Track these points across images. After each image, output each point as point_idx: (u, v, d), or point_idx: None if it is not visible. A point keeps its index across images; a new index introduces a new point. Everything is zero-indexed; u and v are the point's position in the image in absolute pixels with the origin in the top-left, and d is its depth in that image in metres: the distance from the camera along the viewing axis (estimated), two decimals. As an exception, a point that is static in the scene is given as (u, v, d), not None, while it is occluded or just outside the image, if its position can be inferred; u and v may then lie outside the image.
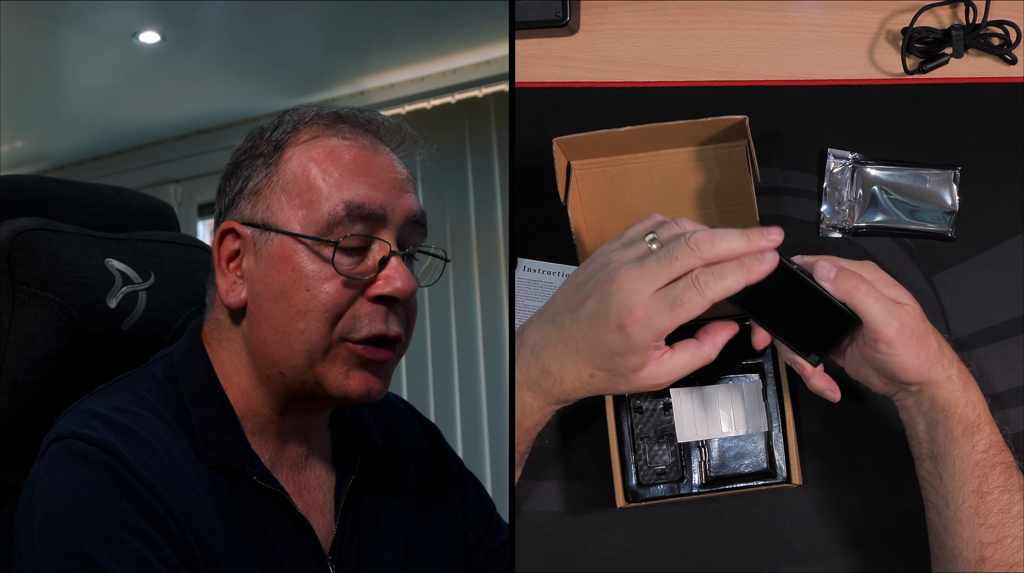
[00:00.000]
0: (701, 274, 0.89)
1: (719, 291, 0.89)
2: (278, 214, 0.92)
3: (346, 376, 0.92)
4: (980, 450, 0.96)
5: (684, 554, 1.09)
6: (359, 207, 0.92)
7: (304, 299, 0.91)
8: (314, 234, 0.91)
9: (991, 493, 0.95)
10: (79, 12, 2.68)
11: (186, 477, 0.88)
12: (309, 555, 0.94)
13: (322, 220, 0.91)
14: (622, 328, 0.89)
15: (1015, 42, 1.12)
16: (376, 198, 0.92)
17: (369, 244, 0.93)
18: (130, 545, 0.82)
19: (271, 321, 0.92)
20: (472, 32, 2.97)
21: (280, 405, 0.95)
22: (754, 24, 1.17)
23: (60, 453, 0.86)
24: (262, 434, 0.96)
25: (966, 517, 0.96)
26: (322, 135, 0.94)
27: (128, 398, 0.91)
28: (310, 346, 0.91)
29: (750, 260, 0.90)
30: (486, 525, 1.12)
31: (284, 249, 0.91)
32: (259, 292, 0.92)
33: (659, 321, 0.89)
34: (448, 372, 3.20)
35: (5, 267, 0.99)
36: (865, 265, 0.96)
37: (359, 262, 0.92)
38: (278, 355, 0.92)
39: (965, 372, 0.97)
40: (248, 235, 0.93)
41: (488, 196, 3.19)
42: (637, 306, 0.89)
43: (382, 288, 0.92)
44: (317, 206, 0.91)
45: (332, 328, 0.91)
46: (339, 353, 0.92)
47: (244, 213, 0.94)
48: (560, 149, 1.07)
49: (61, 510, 0.83)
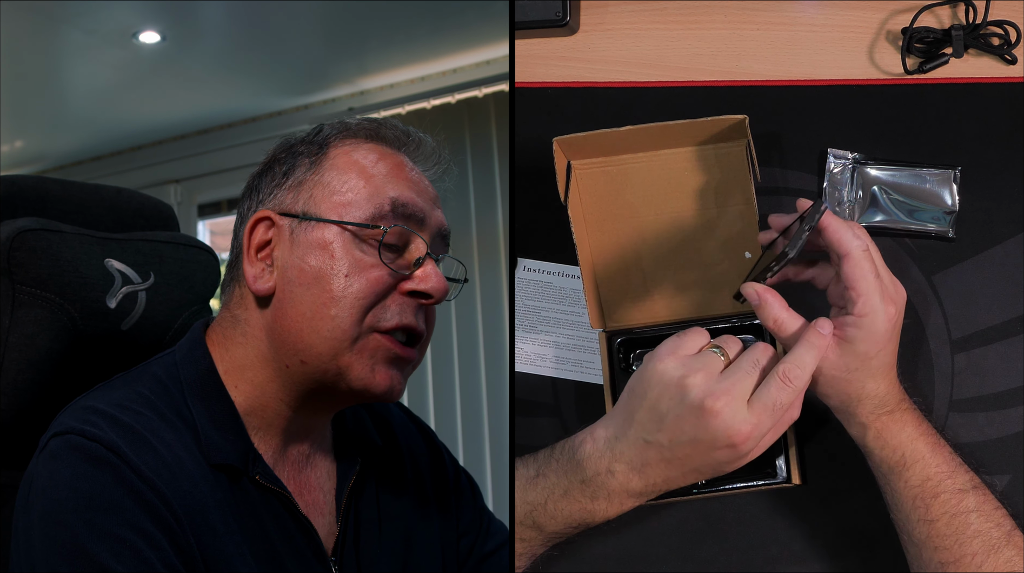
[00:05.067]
0: (788, 370, 0.93)
1: (805, 378, 0.94)
2: (321, 204, 0.94)
3: (371, 370, 0.93)
4: (914, 485, 0.98)
5: (684, 554, 1.09)
6: (404, 206, 0.95)
7: (340, 285, 0.92)
8: (365, 222, 0.93)
9: (939, 520, 0.97)
10: (79, 12, 2.68)
11: (188, 476, 0.88)
12: (312, 556, 0.94)
13: (367, 212, 0.94)
14: (732, 447, 0.94)
15: (1015, 42, 1.12)
16: (418, 202, 0.96)
17: (407, 245, 0.95)
18: (132, 544, 0.82)
19: (299, 307, 0.92)
20: (472, 32, 2.97)
21: (294, 399, 0.95)
22: (754, 24, 1.17)
23: (61, 448, 0.85)
24: (267, 431, 0.95)
25: (920, 541, 0.98)
26: (367, 141, 0.98)
27: (129, 396, 0.91)
28: (339, 333, 0.92)
29: (814, 336, 0.95)
30: (476, 532, 1.12)
31: (324, 237, 0.93)
32: (291, 278, 0.93)
33: (764, 428, 0.93)
34: (448, 372, 3.20)
35: (5, 267, 0.99)
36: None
37: (395, 259, 0.94)
38: (302, 342, 0.92)
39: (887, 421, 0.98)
40: (284, 225, 0.95)
41: (488, 196, 3.18)
42: (743, 425, 0.93)
43: (417, 284, 0.94)
44: (363, 200, 0.94)
45: (363, 317, 0.92)
46: (367, 344, 0.93)
47: (283, 203, 0.96)
48: (560, 149, 1.07)
49: (62, 506, 0.83)
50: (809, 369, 0.94)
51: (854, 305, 0.94)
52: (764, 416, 0.93)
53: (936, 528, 0.97)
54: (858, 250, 0.95)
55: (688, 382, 0.93)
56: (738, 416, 0.92)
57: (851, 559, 1.07)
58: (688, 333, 0.98)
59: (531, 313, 1.15)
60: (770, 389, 0.93)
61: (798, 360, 0.94)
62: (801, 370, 0.93)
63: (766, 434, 0.94)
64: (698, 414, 0.92)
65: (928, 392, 1.08)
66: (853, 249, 0.95)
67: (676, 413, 0.93)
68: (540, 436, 1.11)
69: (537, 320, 1.15)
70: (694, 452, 0.94)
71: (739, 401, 0.93)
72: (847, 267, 0.95)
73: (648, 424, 0.95)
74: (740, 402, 0.93)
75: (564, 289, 1.15)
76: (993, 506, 0.98)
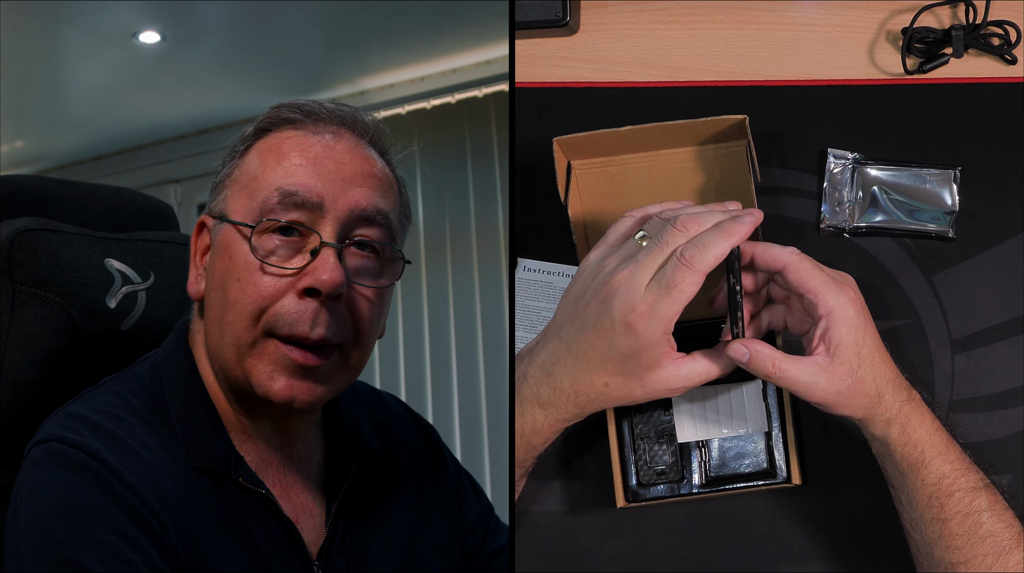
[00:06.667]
0: (685, 249, 0.89)
1: (708, 261, 0.89)
2: (229, 204, 0.92)
3: (270, 377, 0.89)
4: (931, 483, 0.96)
5: (684, 554, 1.09)
6: (292, 194, 0.88)
7: (235, 290, 0.89)
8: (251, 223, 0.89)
9: (952, 519, 0.96)
10: (79, 12, 2.68)
11: (171, 480, 0.87)
12: (295, 558, 0.93)
13: (257, 209, 0.89)
14: (628, 327, 0.89)
15: (1015, 42, 1.12)
16: (313, 187, 0.89)
17: (309, 235, 0.89)
18: (116, 549, 0.81)
19: (212, 313, 0.91)
20: (472, 32, 2.97)
21: (242, 407, 0.93)
22: (754, 24, 1.17)
23: (43, 456, 0.85)
24: (246, 437, 0.94)
25: (932, 541, 0.97)
26: (286, 129, 0.93)
27: (111, 401, 0.90)
28: (235, 339, 0.89)
29: (729, 223, 0.90)
30: (484, 530, 1.11)
31: (227, 239, 0.91)
32: (209, 283, 0.92)
33: (662, 309, 0.89)
34: (447, 372, 3.20)
35: (5, 267, 0.99)
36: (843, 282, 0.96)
37: (292, 255, 0.89)
38: (215, 349, 0.91)
39: (907, 411, 0.96)
40: (211, 227, 0.94)
41: (488, 196, 3.18)
42: (638, 301, 0.89)
43: (305, 280, 0.88)
44: (256, 195, 0.90)
45: (256, 322, 0.88)
46: (267, 349, 0.88)
47: (212, 207, 0.94)
48: (560, 149, 1.07)
49: (45, 514, 0.82)
50: (712, 251, 0.89)
51: (816, 306, 0.93)
52: (659, 295, 0.88)
53: (949, 527, 0.96)
54: (792, 255, 0.94)
55: (604, 265, 0.92)
56: (634, 292, 0.89)
57: (851, 559, 1.07)
58: (618, 222, 0.95)
59: (531, 313, 1.15)
60: (667, 268, 0.89)
61: (701, 241, 0.89)
62: (702, 251, 0.88)
63: (666, 319, 0.89)
64: (601, 294, 0.90)
65: (928, 392, 1.08)
66: (787, 256, 0.94)
67: (586, 301, 0.91)
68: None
69: (537, 320, 1.15)
70: (596, 340, 0.91)
71: (638, 279, 0.89)
72: (791, 275, 0.94)
73: (562, 318, 0.93)
74: (639, 281, 0.89)
75: (564, 289, 1.15)
76: (1003, 506, 0.97)
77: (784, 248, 0.95)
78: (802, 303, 0.96)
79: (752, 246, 0.96)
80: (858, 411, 0.95)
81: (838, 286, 0.94)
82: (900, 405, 0.96)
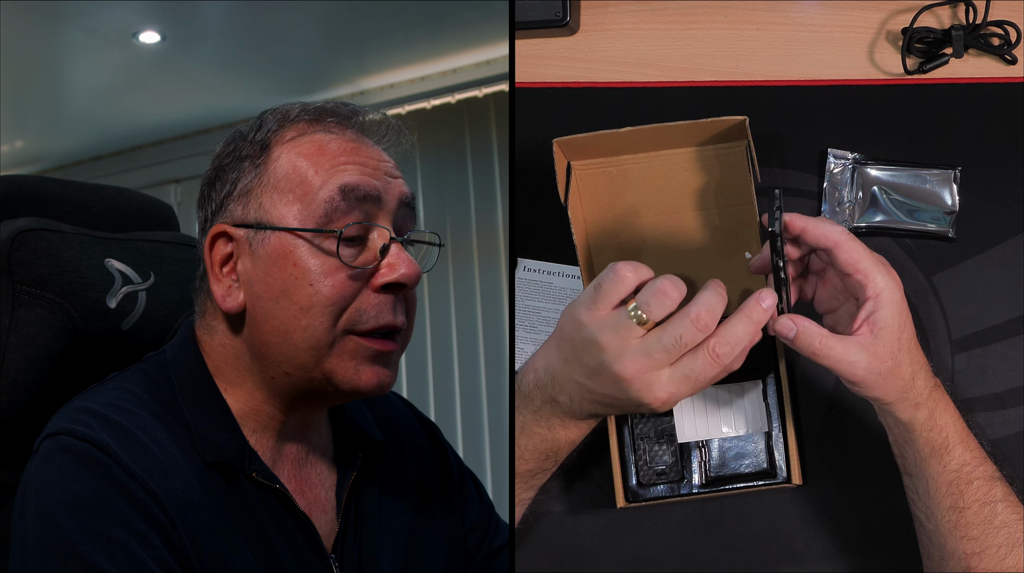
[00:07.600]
0: (717, 346, 0.89)
1: (735, 355, 0.90)
2: (272, 212, 0.92)
3: (356, 370, 0.92)
4: (952, 469, 0.96)
5: (684, 554, 1.09)
6: (354, 190, 0.91)
7: (307, 295, 0.90)
8: (313, 227, 0.91)
9: (969, 508, 0.96)
10: (79, 12, 2.68)
11: (181, 474, 0.87)
12: (311, 553, 0.94)
13: (319, 210, 0.91)
14: (648, 407, 0.92)
15: (1015, 42, 1.12)
16: (369, 181, 0.92)
17: (368, 233, 0.92)
18: (125, 544, 0.82)
19: (272, 322, 0.91)
20: (472, 32, 2.97)
21: (286, 404, 0.95)
22: (754, 24, 1.17)
23: (52, 450, 0.85)
24: (262, 432, 0.95)
25: (947, 531, 0.97)
26: (308, 131, 0.94)
27: (121, 395, 0.91)
28: (315, 342, 0.90)
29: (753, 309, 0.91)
30: (485, 528, 1.12)
31: (283, 246, 0.91)
32: (259, 293, 0.92)
33: (684, 393, 0.91)
34: (448, 372, 3.20)
35: (5, 267, 0.99)
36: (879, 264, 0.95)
37: (359, 253, 0.92)
38: (282, 355, 0.92)
39: (935, 397, 0.97)
40: (242, 237, 0.93)
41: (488, 196, 3.19)
42: (660, 392, 0.91)
43: (387, 276, 0.92)
44: (312, 197, 0.91)
45: (336, 322, 0.91)
46: (346, 347, 0.91)
47: (235, 215, 0.93)
48: (560, 149, 1.07)
49: (55, 508, 0.82)
50: (741, 345, 0.90)
51: (865, 288, 0.93)
52: (684, 386, 0.90)
53: (966, 517, 0.96)
54: (844, 235, 0.94)
55: (604, 344, 0.90)
56: (654, 386, 0.90)
57: (851, 559, 1.07)
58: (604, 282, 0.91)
59: (531, 313, 1.15)
60: (696, 362, 0.89)
61: (731, 336, 0.89)
62: (732, 347, 0.89)
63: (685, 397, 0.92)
64: (615, 378, 0.91)
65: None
66: (839, 236, 0.94)
67: (596, 370, 0.92)
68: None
69: (537, 320, 1.15)
70: (616, 402, 0.93)
71: (654, 374, 0.90)
72: (843, 255, 0.93)
73: (576, 369, 0.93)
74: (656, 374, 0.90)
75: (564, 289, 1.15)
76: (1015, 499, 0.97)
77: (835, 226, 0.94)
78: (844, 282, 0.96)
79: (803, 221, 0.95)
80: (891, 394, 0.95)
81: (887, 269, 0.94)
82: (930, 390, 0.96)
